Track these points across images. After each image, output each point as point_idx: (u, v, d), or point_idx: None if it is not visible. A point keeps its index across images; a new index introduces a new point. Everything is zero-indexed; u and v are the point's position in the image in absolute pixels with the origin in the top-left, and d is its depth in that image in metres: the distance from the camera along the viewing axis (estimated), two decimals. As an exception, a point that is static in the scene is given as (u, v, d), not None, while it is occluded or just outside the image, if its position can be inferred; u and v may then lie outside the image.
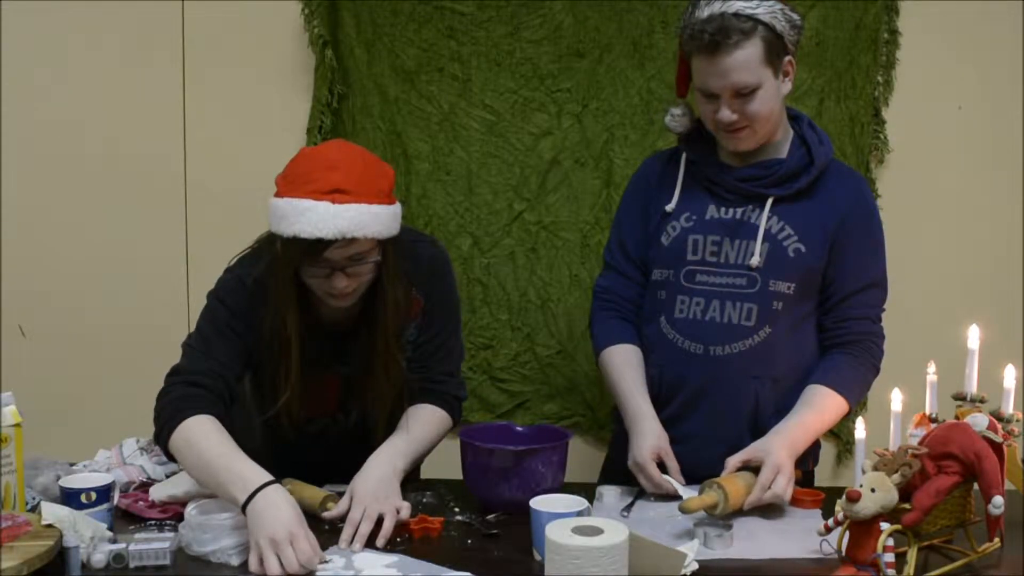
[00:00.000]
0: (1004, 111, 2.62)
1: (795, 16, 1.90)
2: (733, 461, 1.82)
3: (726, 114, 1.87)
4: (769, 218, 1.93)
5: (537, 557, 1.61)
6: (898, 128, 2.64)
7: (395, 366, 1.87)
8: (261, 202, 2.09)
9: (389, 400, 1.90)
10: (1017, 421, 1.69)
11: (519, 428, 2.02)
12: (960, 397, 1.74)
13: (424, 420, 1.91)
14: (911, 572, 1.50)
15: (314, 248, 1.67)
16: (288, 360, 1.80)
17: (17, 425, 1.72)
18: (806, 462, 2.04)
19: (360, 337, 1.86)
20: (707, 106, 1.91)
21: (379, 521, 1.69)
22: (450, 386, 1.99)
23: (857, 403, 1.99)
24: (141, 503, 1.82)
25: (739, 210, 1.96)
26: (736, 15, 1.81)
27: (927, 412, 1.75)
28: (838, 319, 1.98)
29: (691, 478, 1.89)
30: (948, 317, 1.98)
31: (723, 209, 1.97)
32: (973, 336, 1.74)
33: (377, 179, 1.74)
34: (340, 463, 1.86)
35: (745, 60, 1.83)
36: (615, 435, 2.21)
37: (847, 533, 1.54)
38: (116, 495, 1.78)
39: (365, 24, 2.67)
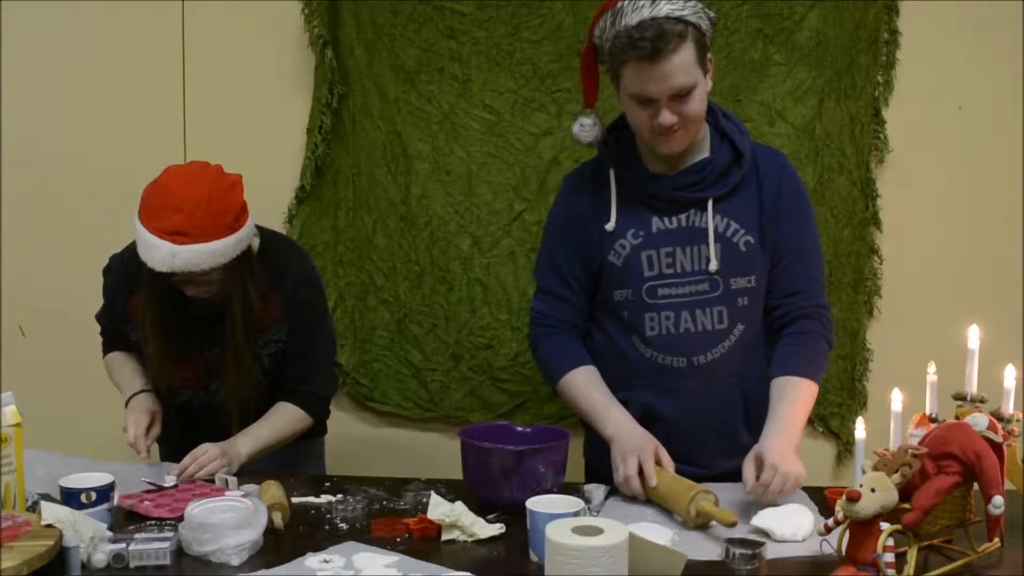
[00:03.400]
0: (1004, 111, 2.62)
1: (711, 12, 1.89)
2: (749, 476, 1.81)
3: (667, 117, 1.85)
4: (713, 218, 1.94)
5: (533, 558, 1.61)
6: (898, 128, 2.65)
7: (246, 362, 2.09)
8: (260, 202, 2.10)
9: (241, 391, 2.12)
10: (1017, 421, 1.69)
11: (519, 428, 2.01)
12: (960, 397, 1.74)
13: (274, 417, 2.16)
14: (911, 572, 1.50)
15: (161, 275, 1.96)
16: (150, 344, 2.09)
17: (17, 425, 1.72)
18: None
19: (222, 327, 2.08)
20: (642, 112, 1.88)
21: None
22: (312, 385, 2.21)
23: (820, 374, 1.99)
24: (147, 503, 1.82)
25: (682, 216, 1.96)
26: (668, 18, 1.80)
27: (927, 412, 1.75)
28: (781, 295, 2.00)
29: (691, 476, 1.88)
30: (948, 317, 1.98)
31: (667, 219, 1.96)
32: (973, 336, 1.74)
33: (220, 215, 1.95)
34: (203, 432, 2.10)
35: (683, 63, 1.82)
36: (588, 440, 2.17)
37: (847, 533, 1.54)
38: (116, 495, 1.78)
39: (365, 24, 2.67)
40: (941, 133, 2.65)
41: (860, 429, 1.79)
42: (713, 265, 1.93)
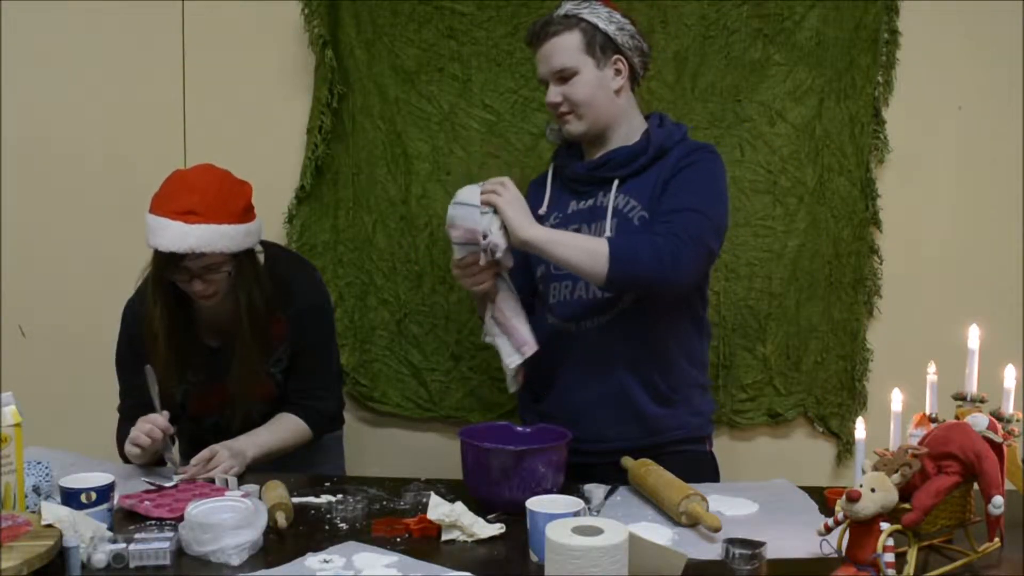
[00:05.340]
0: (1004, 111, 2.62)
1: (625, 20, 2.11)
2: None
3: (551, 96, 2.10)
4: (617, 197, 2.09)
5: (533, 558, 1.61)
6: (898, 128, 2.64)
7: (255, 371, 2.12)
8: (260, 202, 2.11)
9: (256, 404, 2.17)
10: (1017, 421, 1.69)
11: (519, 428, 2.02)
12: (960, 397, 1.74)
13: (279, 425, 2.18)
14: (911, 572, 1.50)
15: (171, 259, 1.96)
16: (159, 353, 2.07)
17: (17, 425, 1.72)
18: (703, 443, 2.18)
19: (232, 354, 2.12)
20: (547, 96, 2.12)
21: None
22: (317, 400, 2.23)
23: (619, 249, 1.95)
24: (147, 503, 1.82)
25: (592, 198, 2.13)
26: (564, 15, 2.08)
27: (927, 412, 1.75)
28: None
29: (591, 453, 2.04)
30: (948, 317, 1.98)
31: (582, 201, 2.15)
32: (973, 336, 1.74)
33: (231, 201, 2.00)
34: (211, 437, 2.12)
35: (563, 46, 2.06)
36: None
37: (847, 533, 1.54)
38: (116, 495, 1.78)
39: (365, 24, 2.67)
40: (941, 133, 2.65)
41: (860, 429, 1.79)
42: (607, 236, 2.04)
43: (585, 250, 1.96)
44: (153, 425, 1.99)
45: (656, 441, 2.08)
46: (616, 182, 2.10)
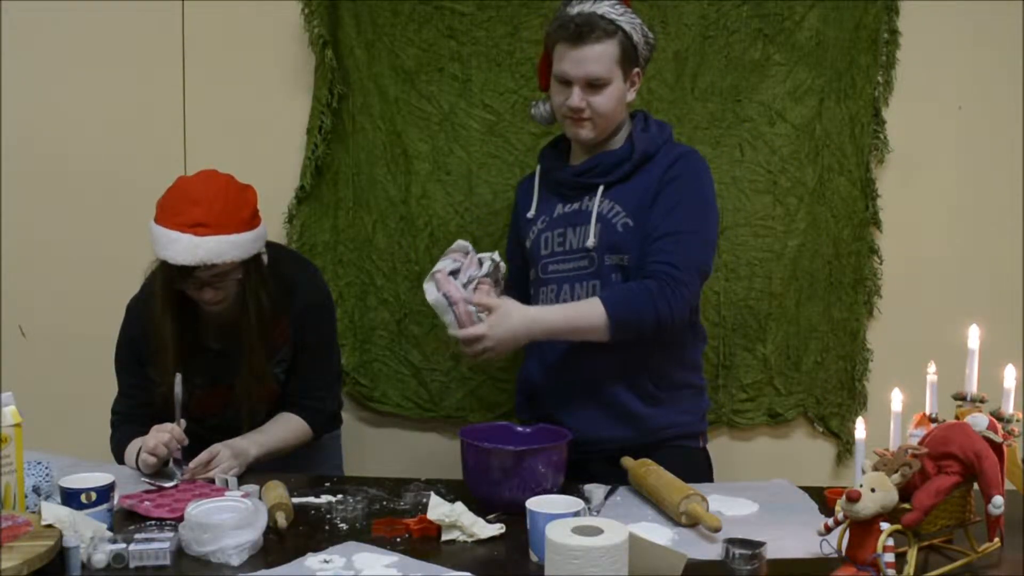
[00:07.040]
0: (1004, 111, 2.62)
1: (650, 34, 2.13)
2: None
3: (575, 99, 2.06)
4: (601, 202, 2.11)
5: (533, 558, 1.61)
6: (898, 128, 2.64)
7: (261, 374, 2.13)
8: (261, 202, 2.11)
9: (260, 405, 2.18)
10: (1017, 421, 1.69)
11: (519, 428, 2.02)
12: (960, 397, 1.74)
13: (281, 425, 2.19)
14: (911, 572, 1.50)
15: (181, 271, 1.98)
16: (165, 360, 2.07)
17: (17, 425, 1.72)
18: (697, 439, 2.19)
19: (236, 356, 2.12)
20: (560, 93, 2.10)
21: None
22: (317, 401, 2.24)
23: (619, 315, 1.99)
24: (147, 503, 1.82)
25: (578, 202, 2.15)
26: (601, 16, 2.04)
27: (927, 412, 1.75)
28: (642, 264, 2.06)
29: (586, 453, 2.03)
30: (948, 317, 1.98)
31: (567, 205, 2.17)
32: (973, 336, 1.74)
33: (238, 210, 2.01)
34: (213, 436, 2.10)
35: (602, 54, 2.04)
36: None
37: (847, 533, 1.54)
38: (116, 495, 1.78)
39: (365, 24, 2.67)
40: (941, 133, 2.65)
41: (860, 429, 1.79)
42: (590, 242, 2.09)
43: (581, 317, 2.01)
44: (171, 436, 1.98)
45: (648, 440, 2.08)
46: (601, 188, 2.11)
